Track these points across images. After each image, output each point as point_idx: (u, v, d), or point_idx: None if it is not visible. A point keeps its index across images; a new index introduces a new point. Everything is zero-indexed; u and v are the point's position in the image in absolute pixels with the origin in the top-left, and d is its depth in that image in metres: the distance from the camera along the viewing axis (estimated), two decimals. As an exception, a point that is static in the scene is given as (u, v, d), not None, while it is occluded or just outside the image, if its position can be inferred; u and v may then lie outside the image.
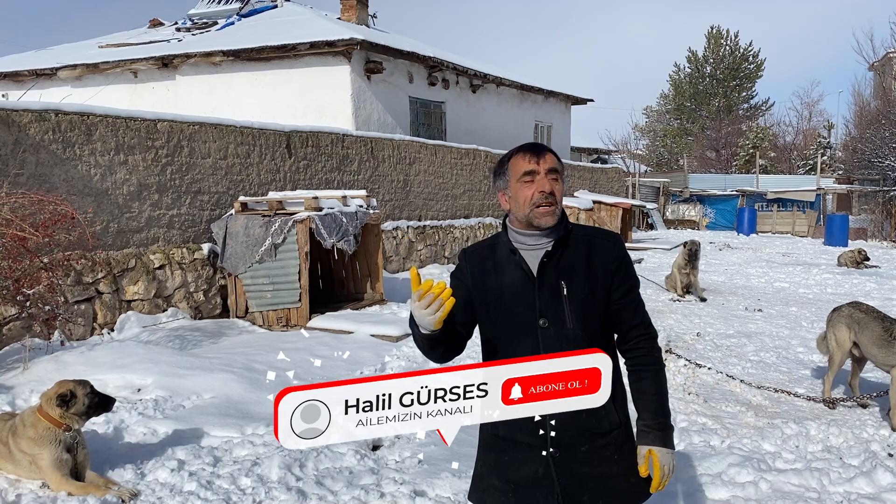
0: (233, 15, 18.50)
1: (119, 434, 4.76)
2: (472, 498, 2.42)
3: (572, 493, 2.19)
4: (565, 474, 2.19)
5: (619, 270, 2.24)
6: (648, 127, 56.53)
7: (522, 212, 2.21)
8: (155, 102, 15.61)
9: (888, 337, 5.33)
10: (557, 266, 2.20)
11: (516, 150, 2.28)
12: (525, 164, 2.20)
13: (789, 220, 27.70)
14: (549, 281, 2.19)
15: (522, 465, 2.23)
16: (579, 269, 2.20)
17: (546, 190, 2.17)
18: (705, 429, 5.15)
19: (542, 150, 2.23)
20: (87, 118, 7.46)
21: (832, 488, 4.16)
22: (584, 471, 2.20)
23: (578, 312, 2.18)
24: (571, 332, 2.16)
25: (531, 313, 2.18)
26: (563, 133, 23.77)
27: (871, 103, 36.74)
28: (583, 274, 2.20)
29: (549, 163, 2.20)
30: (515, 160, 2.23)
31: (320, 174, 10.81)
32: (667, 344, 7.49)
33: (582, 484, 2.20)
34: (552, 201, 2.17)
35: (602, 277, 2.22)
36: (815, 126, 49.08)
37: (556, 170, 2.21)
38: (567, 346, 2.12)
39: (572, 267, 2.20)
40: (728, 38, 52.06)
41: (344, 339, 7.52)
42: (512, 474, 2.25)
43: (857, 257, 15.19)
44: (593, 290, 2.20)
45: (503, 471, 2.27)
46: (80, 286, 7.26)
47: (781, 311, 10.02)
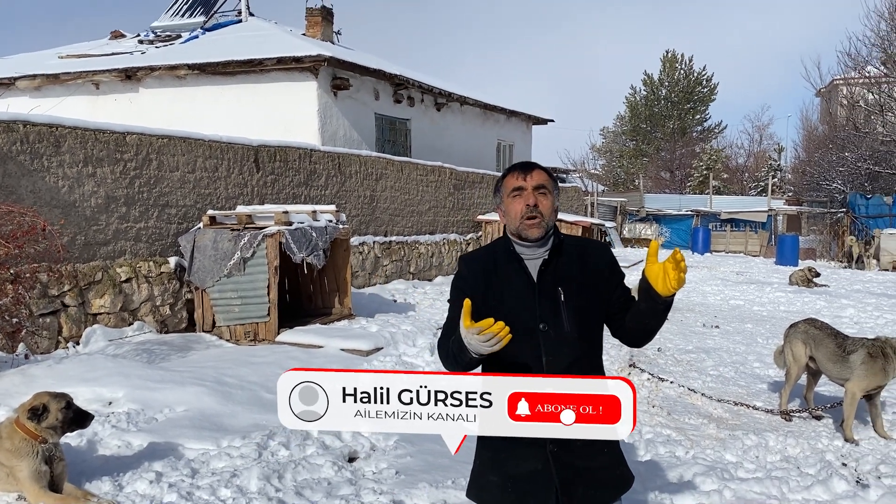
0: (197, 28, 18.41)
1: (93, 447, 4.74)
2: (470, 495, 2.52)
3: (568, 486, 2.32)
4: (563, 468, 2.31)
5: (613, 274, 2.45)
6: (605, 147, 57.56)
7: (513, 224, 2.40)
8: (117, 115, 15.43)
9: (841, 353, 5.61)
10: (554, 274, 2.37)
11: (508, 168, 2.47)
12: (514, 181, 2.40)
13: (742, 240, 28.45)
14: (548, 288, 2.35)
15: (522, 461, 2.33)
16: (574, 277, 2.38)
17: (531, 203, 2.34)
18: (670, 440, 5.34)
19: (531, 168, 2.43)
20: (55, 130, 7.41)
21: (791, 496, 4.37)
22: (580, 464, 2.33)
23: (575, 317, 2.34)
24: (569, 335, 2.33)
25: (532, 317, 2.33)
26: (524, 152, 24.13)
27: (819, 128, 38.05)
28: (578, 281, 2.37)
29: (537, 179, 2.38)
30: (507, 178, 2.44)
31: (288, 189, 10.85)
32: (630, 358, 7.70)
33: (577, 476, 2.33)
34: (537, 213, 2.34)
35: (598, 284, 2.40)
36: (766, 149, 50.59)
37: (543, 185, 2.38)
38: (565, 349, 2.31)
39: (568, 275, 2.37)
40: (683, 62, 53.40)
41: (314, 353, 7.55)
42: (512, 470, 2.35)
43: (807, 276, 15.70)
44: (589, 296, 2.38)
45: (503, 467, 2.37)
46: (46, 299, 7.18)
47: (737, 327, 10.35)
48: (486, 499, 2.43)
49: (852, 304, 12.57)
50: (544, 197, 2.38)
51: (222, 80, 15.21)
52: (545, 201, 2.37)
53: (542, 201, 2.36)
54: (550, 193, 2.40)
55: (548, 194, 2.39)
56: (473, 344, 2.08)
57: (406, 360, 7.47)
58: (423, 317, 9.92)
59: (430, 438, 5.13)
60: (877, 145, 26.48)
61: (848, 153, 27.60)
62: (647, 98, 54.12)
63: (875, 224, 23.47)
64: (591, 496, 2.35)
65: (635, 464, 4.85)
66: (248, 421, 5.38)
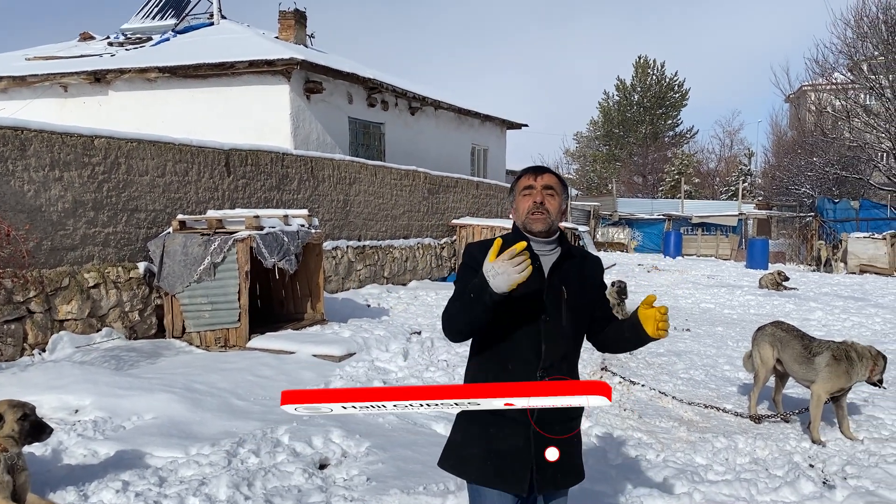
0: (168, 31, 18.22)
1: (58, 456, 4.65)
2: (445, 465, 2.67)
3: (543, 465, 2.51)
4: (542, 449, 2.49)
5: (601, 287, 2.77)
6: (579, 152, 58.00)
7: (521, 220, 2.62)
8: (86, 118, 15.21)
9: (807, 354, 5.69)
10: (561, 274, 2.60)
11: (522, 171, 2.70)
12: (525, 181, 2.64)
13: (713, 244, 28.82)
14: (554, 285, 2.57)
15: (508, 437, 2.52)
16: (576, 279, 2.63)
17: (538, 200, 2.57)
18: (641, 443, 5.37)
19: (542, 171, 2.67)
20: (21, 133, 7.27)
21: (760, 497, 4.42)
22: (556, 446, 2.51)
23: (572, 315, 2.59)
24: (565, 330, 2.57)
25: (537, 309, 2.53)
26: (498, 156, 24.21)
27: (788, 133, 38.69)
28: (578, 283, 2.63)
29: (546, 180, 2.61)
30: (521, 179, 2.67)
31: (259, 193, 10.76)
32: (602, 362, 7.74)
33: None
34: (543, 210, 2.57)
35: (592, 289, 2.70)
36: (737, 153, 51.37)
37: (551, 186, 2.61)
38: (561, 341, 2.57)
39: (571, 278, 2.61)
40: (655, 67, 54.02)
41: (285, 359, 7.49)
42: (496, 445, 2.53)
43: (777, 279, 15.93)
44: (585, 297, 2.65)
45: (488, 442, 2.54)
46: (10, 305, 7.03)
47: (708, 330, 10.46)
48: (466, 470, 2.60)
49: (820, 307, 12.77)
50: (552, 197, 2.59)
51: (193, 84, 15.06)
52: (552, 201, 2.59)
53: (549, 200, 2.58)
54: (558, 195, 2.62)
55: (555, 195, 2.61)
56: (500, 274, 2.24)
57: (379, 364, 7.44)
58: (397, 321, 9.89)
59: (401, 444, 5.11)
60: (844, 150, 27.00)
61: (816, 158, 28.11)
62: (619, 103, 54.64)
63: (842, 228, 23.89)
64: (559, 480, 2.58)
65: (606, 467, 4.88)
66: (217, 428, 5.31)
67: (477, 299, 2.32)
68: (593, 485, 4.52)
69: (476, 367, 2.65)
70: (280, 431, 5.16)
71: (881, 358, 5.56)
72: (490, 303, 2.31)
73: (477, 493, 2.60)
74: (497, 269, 2.25)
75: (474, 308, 2.35)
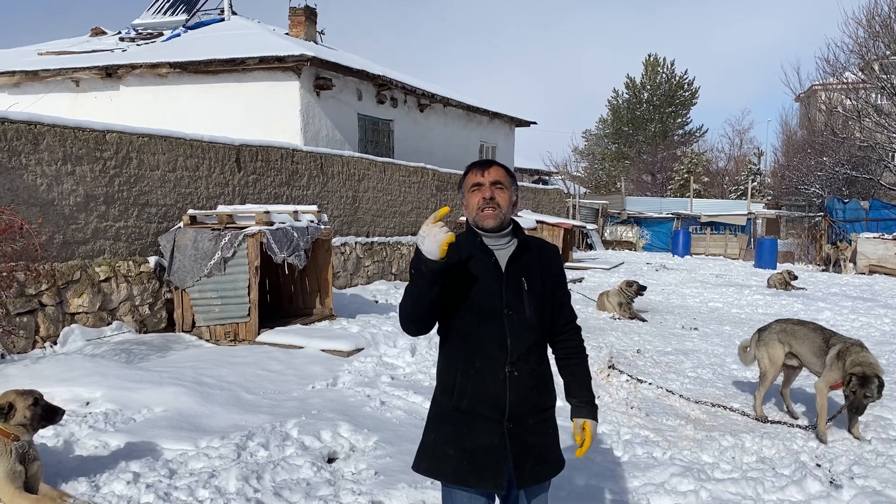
0: (179, 27, 18.30)
1: (69, 447, 4.70)
2: (420, 468, 2.63)
3: (520, 459, 2.52)
4: (517, 443, 2.50)
5: (560, 275, 2.74)
6: (587, 150, 57.82)
7: (472, 216, 2.61)
8: (98, 112, 15.31)
9: (826, 347, 5.70)
10: (519, 266, 2.58)
11: (468, 166, 2.65)
12: (473, 178, 2.61)
13: (722, 243, 28.69)
14: (514, 277, 2.56)
15: (481, 435, 2.52)
16: (535, 270, 2.62)
17: (487, 196, 2.55)
18: (648, 441, 5.39)
19: (488, 165, 2.62)
20: (34, 127, 7.33)
21: (766, 496, 4.43)
22: (531, 440, 2.54)
23: (534, 305, 2.58)
24: (529, 321, 2.56)
25: (498, 303, 2.53)
26: (507, 153, 24.20)
27: (798, 133, 38.48)
28: (538, 274, 2.62)
29: (494, 175, 2.58)
30: (468, 176, 2.64)
31: (269, 188, 10.81)
32: (609, 360, 7.74)
33: (528, 452, 2.54)
34: (494, 205, 2.55)
35: (550, 279, 2.67)
36: (746, 153, 51.08)
37: (500, 181, 2.58)
38: (526, 333, 2.55)
39: (530, 269, 2.61)
40: (665, 65, 53.77)
41: (294, 353, 7.53)
42: (469, 443, 2.51)
43: (785, 279, 15.88)
44: (545, 288, 2.64)
45: (461, 440, 2.54)
46: (23, 298, 7.10)
47: (716, 329, 10.45)
48: (442, 470, 2.57)
49: (829, 307, 12.73)
50: (501, 191, 2.57)
51: (204, 79, 15.12)
52: (502, 195, 2.57)
53: (499, 195, 2.56)
54: (507, 188, 2.59)
55: (504, 189, 2.58)
56: (426, 237, 2.29)
57: (387, 360, 7.47)
58: (405, 318, 9.90)
59: (409, 439, 5.14)
60: (854, 150, 26.85)
61: (826, 158, 27.95)
62: (629, 101, 54.44)
63: (852, 228, 23.76)
64: (537, 472, 2.57)
65: (613, 464, 4.90)
66: (227, 421, 5.36)
67: (417, 273, 2.37)
68: (600, 482, 4.54)
69: (444, 365, 2.63)
70: (289, 425, 5.20)
71: (875, 378, 5.42)
72: (428, 273, 2.33)
73: (449, 495, 2.59)
74: (423, 234, 2.30)
75: (417, 284, 2.39)
